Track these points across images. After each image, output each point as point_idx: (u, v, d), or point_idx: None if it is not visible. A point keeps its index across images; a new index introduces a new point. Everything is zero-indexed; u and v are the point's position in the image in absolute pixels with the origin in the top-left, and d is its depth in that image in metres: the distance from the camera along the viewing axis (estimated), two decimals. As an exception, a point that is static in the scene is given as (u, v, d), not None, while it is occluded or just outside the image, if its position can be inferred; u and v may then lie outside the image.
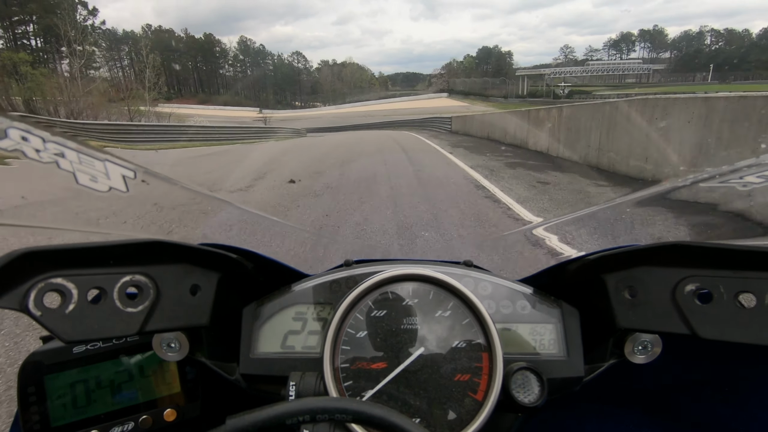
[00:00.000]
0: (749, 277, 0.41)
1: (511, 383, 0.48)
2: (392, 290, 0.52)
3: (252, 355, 0.51)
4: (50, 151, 0.49)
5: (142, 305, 0.43)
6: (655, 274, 0.47)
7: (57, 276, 0.38)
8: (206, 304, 0.48)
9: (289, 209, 5.15)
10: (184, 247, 0.45)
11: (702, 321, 0.43)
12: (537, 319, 0.54)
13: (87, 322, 0.40)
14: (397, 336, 0.50)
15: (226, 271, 0.50)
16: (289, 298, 0.54)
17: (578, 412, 0.67)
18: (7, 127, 0.43)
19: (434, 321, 0.51)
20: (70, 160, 0.50)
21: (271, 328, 0.52)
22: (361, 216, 4.64)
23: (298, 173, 7.81)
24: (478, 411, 0.47)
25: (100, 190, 0.53)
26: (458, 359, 0.49)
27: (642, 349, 0.52)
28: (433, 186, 6.63)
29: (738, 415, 0.57)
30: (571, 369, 0.52)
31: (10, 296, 0.36)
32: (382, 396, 0.48)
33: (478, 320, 0.51)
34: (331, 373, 0.47)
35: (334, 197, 5.71)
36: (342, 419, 0.32)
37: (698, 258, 0.43)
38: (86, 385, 0.52)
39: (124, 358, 0.54)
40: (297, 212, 4.99)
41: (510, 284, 0.56)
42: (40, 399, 0.50)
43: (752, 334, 0.40)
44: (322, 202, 5.45)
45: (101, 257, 0.41)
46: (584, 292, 0.55)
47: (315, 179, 7.29)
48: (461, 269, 0.56)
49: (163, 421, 0.55)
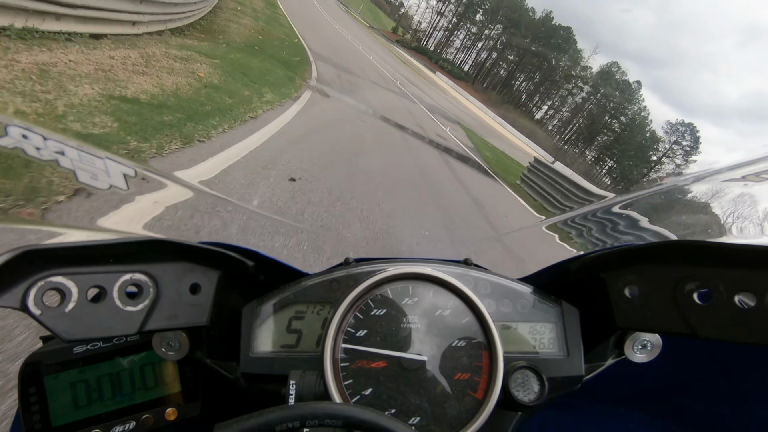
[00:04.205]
0: (749, 277, 0.41)
1: (511, 382, 0.48)
2: (392, 289, 0.52)
3: (252, 354, 0.51)
4: (50, 149, 0.49)
5: (142, 304, 0.43)
6: (655, 272, 0.47)
7: (57, 275, 0.38)
8: (206, 302, 0.48)
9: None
10: (184, 245, 0.45)
11: (702, 320, 0.43)
12: (537, 318, 0.54)
13: (87, 320, 0.40)
14: (396, 335, 0.50)
15: (226, 270, 0.50)
16: (289, 296, 0.53)
17: (578, 411, 0.67)
18: (7, 125, 0.43)
19: (434, 320, 0.51)
20: (71, 158, 0.50)
21: (271, 326, 0.52)
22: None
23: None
24: (478, 410, 0.48)
25: (101, 188, 0.53)
26: (458, 358, 0.49)
27: (642, 348, 0.52)
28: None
29: (738, 414, 0.57)
30: (571, 368, 0.52)
31: (9, 295, 0.36)
32: (381, 395, 0.48)
33: (478, 319, 0.51)
34: (331, 372, 0.47)
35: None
36: (332, 425, 0.32)
37: (698, 257, 0.43)
38: (87, 384, 0.52)
39: (124, 357, 0.54)
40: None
41: (510, 283, 0.56)
42: (40, 399, 0.50)
43: (752, 333, 0.40)
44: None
45: (101, 256, 0.41)
46: (584, 290, 0.55)
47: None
48: (461, 268, 0.56)
49: (165, 420, 0.55)
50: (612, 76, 78.61)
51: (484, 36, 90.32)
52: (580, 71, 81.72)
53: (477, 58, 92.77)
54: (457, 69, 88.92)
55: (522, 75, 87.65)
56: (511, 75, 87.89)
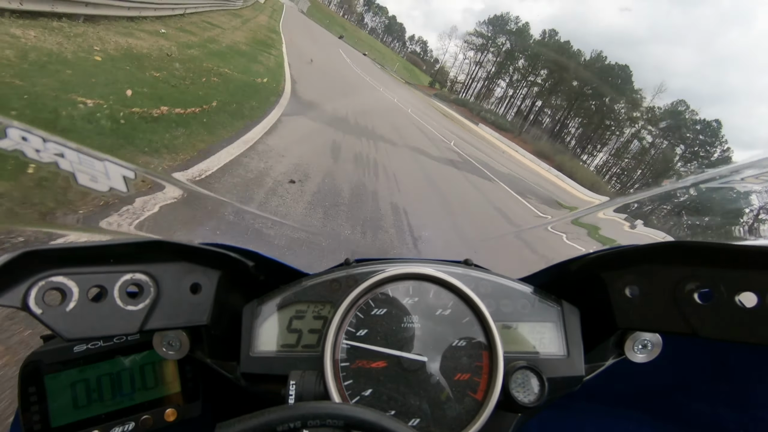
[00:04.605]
0: (750, 276, 0.41)
1: (511, 382, 0.48)
2: (392, 289, 0.52)
3: (252, 354, 0.51)
4: (50, 151, 0.49)
5: (143, 303, 0.43)
6: (655, 273, 0.47)
7: (58, 274, 0.39)
8: (207, 302, 0.48)
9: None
10: (185, 246, 0.46)
11: (702, 320, 0.43)
12: (537, 318, 0.54)
13: (88, 320, 0.40)
14: (397, 335, 0.50)
15: (226, 270, 0.50)
16: (290, 296, 0.54)
17: (578, 411, 0.67)
18: (6, 126, 0.44)
19: (434, 320, 0.51)
20: (70, 160, 0.51)
21: (272, 326, 0.52)
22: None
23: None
24: (478, 411, 0.47)
25: (101, 190, 0.54)
26: (458, 358, 0.49)
27: (642, 348, 0.52)
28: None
29: (738, 414, 0.57)
30: (572, 368, 0.52)
31: (11, 294, 0.36)
32: (381, 396, 0.48)
33: (479, 319, 0.51)
34: (331, 372, 0.47)
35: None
36: (334, 425, 0.32)
37: (699, 257, 0.43)
38: (87, 384, 0.52)
39: (124, 357, 0.54)
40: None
41: (510, 283, 0.56)
42: (40, 399, 0.50)
43: (753, 333, 0.40)
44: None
45: (102, 256, 0.41)
46: (585, 290, 0.55)
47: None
48: (461, 268, 0.56)
49: (164, 420, 0.55)
50: (681, 115, 67.20)
51: (528, 83, 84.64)
52: (644, 112, 71.20)
53: (522, 106, 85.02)
54: (501, 119, 77.92)
55: (574, 120, 78.18)
56: (560, 121, 78.06)
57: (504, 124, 74.43)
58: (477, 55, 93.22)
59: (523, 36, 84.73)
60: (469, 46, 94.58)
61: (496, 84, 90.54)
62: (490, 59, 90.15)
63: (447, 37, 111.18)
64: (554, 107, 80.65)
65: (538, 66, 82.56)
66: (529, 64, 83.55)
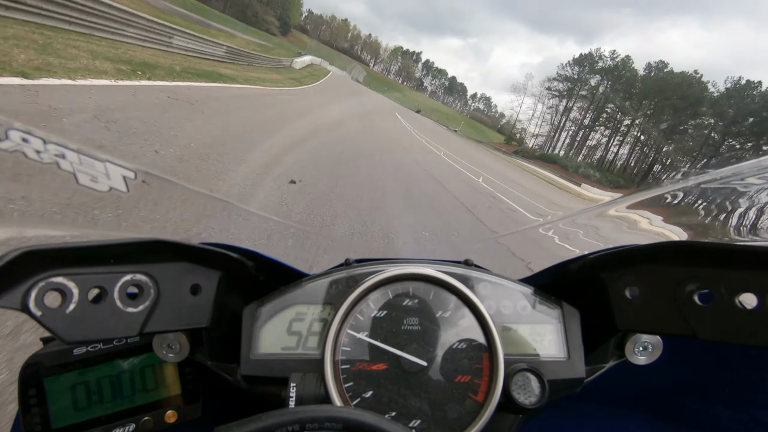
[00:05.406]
0: (750, 277, 0.40)
1: (512, 384, 0.48)
2: (393, 290, 0.52)
3: (252, 356, 0.51)
4: (50, 152, 0.49)
5: (143, 305, 0.43)
6: (655, 273, 0.47)
7: (58, 275, 0.38)
8: (207, 304, 0.48)
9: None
10: (185, 245, 0.45)
11: (702, 322, 0.42)
12: (538, 320, 0.53)
13: (88, 322, 0.39)
14: (397, 337, 0.50)
15: (226, 271, 0.50)
16: (290, 298, 0.53)
17: (579, 414, 0.67)
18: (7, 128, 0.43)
19: (435, 321, 0.51)
20: (71, 160, 0.50)
21: (272, 328, 0.52)
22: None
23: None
24: (478, 413, 0.47)
25: (101, 191, 0.53)
26: (459, 360, 0.49)
27: (643, 350, 0.52)
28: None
29: (739, 416, 0.57)
30: (572, 370, 0.52)
31: (10, 295, 0.36)
32: (382, 398, 0.48)
33: (479, 321, 0.51)
34: (331, 374, 0.47)
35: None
36: (332, 428, 0.32)
37: (699, 258, 0.43)
38: (87, 386, 0.52)
39: (124, 360, 0.54)
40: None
41: (511, 284, 0.55)
42: (40, 401, 0.49)
43: (753, 335, 0.40)
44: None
45: (102, 256, 0.41)
46: (585, 292, 0.54)
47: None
48: (462, 269, 0.56)
49: (164, 422, 0.55)
50: None
51: (638, 125, 67.47)
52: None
53: (631, 154, 69.43)
54: (609, 175, 66.34)
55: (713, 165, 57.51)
56: (693, 165, 61.36)
57: (615, 179, 64.75)
58: (562, 102, 79.86)
59: (625, 71, 70.02)
60: (551, 93, 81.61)
61: (595, 131, 75.18)
62: (579, 105, 75.38)
63: (522, 87, 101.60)
64: (682, 151, 64.47)
65: (651, 103, 66.88)
66: (639, 101, 68.15)
